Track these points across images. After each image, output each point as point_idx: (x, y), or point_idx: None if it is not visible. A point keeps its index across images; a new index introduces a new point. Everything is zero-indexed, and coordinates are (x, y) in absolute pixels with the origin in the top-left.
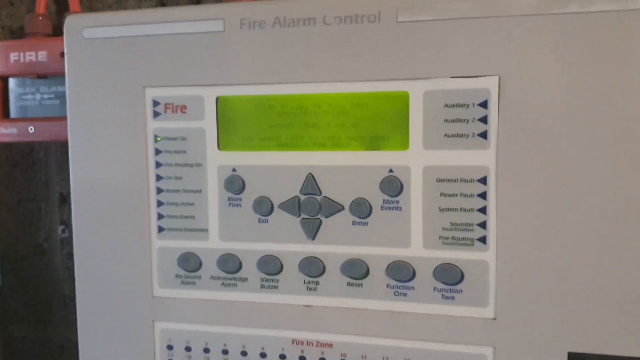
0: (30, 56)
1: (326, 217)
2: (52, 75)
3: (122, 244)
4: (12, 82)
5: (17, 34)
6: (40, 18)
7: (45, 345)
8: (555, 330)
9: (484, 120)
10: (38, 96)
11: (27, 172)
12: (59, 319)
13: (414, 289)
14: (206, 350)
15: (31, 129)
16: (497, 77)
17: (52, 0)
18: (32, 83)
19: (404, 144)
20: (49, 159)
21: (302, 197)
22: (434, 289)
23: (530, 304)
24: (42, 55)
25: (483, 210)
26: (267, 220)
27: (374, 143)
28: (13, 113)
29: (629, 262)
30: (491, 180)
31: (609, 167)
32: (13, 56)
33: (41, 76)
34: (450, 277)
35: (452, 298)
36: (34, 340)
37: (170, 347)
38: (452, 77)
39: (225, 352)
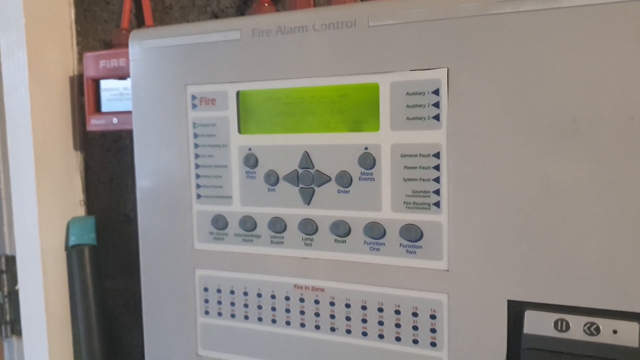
0: (113, 63)
1: (318, 187)
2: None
3: (172, 209)
4: (102, 83)
5: (109, 45)
6: (124, 32)
7: (131, 295)
8: (498, 281)
9: (436, 105)
10: (120, 94)
11: (117, 155)
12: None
13: (385, 245)
14: (232, 292)
15: (115, 120)
16: (446, 69)
17: (134, 17)
18: (116, 84)
19: (376, 126)
20: (132, 145)
21: (300, 171)
22: (400, 245)
23: (476, 258)
24: (122, 61)
25: (437, 180)
26: (274, 190)
27: (355, 126)
28: (103, 108)
29: (556, 223)
30: (443, 155)
31: (537, 143)
32: (101, 63)
33: (122, 78)
34: (412, 235)
35: (414, 252)
36: (123, 291)
37: (206, 289)
38: (411, 70)
39: (245, 293)
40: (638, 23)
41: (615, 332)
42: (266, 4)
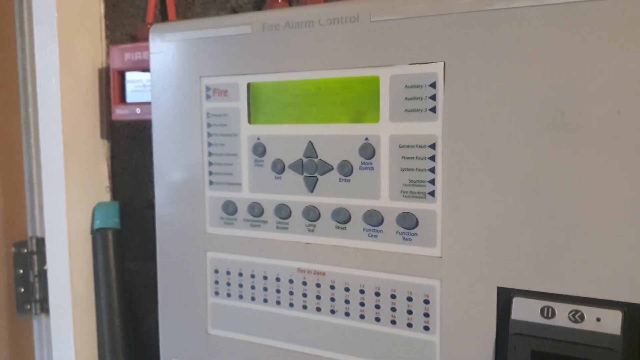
0: (137, 55)
1: (321, 175)
2: None
3: (187, 194)
4: (127, 75)
5: (135, 39)
6: (148, 26)
7: (152, 277)
8: (488, 268)
9: (433, 98)
10: (143, 85)
11: (141, 145)
12: None
13: (382, 232)
14: (240, 274)
15: (138, 111)
16: (443, 63)
17: (159, 12)
18: (140, 75)
19: (376, 118)
20: None
21: (305, 160)
22: (397, 232)
23: (468, 246)
24: (146, 54)
25: (432, 170)
26: (280, 177)
27: (356, 117)
28: (128, 98)
29: (545, 213)
30: (439, 146)
31: (528, 135)
32: (127, 56)
33: (146, 70)
34: (408, 223)
35: (410, 239)
36: (144, 273)
37: (216, 271)
38: (410, 64)
39: (252, 276)
40: (621, 19)
41: (598, 319)
42: (280, 0)
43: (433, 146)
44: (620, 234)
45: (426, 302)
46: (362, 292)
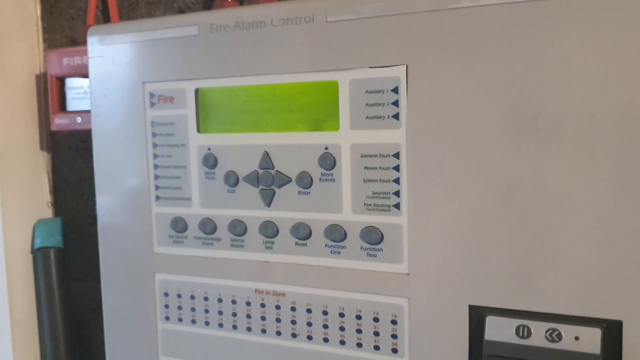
0: (77, 60)
1: (278, 188)
2: None
3: (131, 211)
4: (67, 81)
5: (76, 42)
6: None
7: (100, 299)
8: (459, 285)
9: (396, 103)
10: (85, 92)
11: (85, 156)
12: None
13: (345, 248)
14: (192, 297)
15: (79, 120)
16: (405, 66)
17: (101, 13)
18: (81, 82)
19: (336, 126)
20: None
21: (260, 171)
22: (361, 247)
23: (437, 261)
24: (86, 59)
25: (397, 180)
26: (234, 191)
27: (315, 125)
28: (68, 107)
29: (518, 226)
30: (403, 155)
31: (498, 142)
32: (66, 61)
33: (86, 76)
34: (373, 238)
35: (375, 256)
36: (91, 295)
37: (166, 294)
38: (370, 67)
39: (206, 298)
40: (595, 19)
41: (577, 338)
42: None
43: (397, 155)
44: (598, 246)
45: (394, 322)
46: (325, 313)
